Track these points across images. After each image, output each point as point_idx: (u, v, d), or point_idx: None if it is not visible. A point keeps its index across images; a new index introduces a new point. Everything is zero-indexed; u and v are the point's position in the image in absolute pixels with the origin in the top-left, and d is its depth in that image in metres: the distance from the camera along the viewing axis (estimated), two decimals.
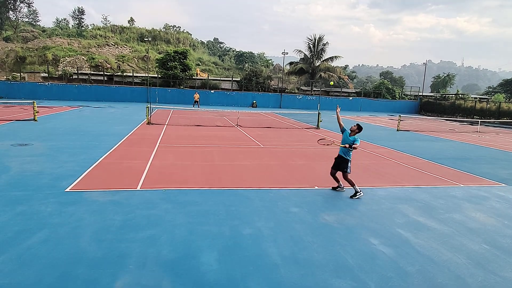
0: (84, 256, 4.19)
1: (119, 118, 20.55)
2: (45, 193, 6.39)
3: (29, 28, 64.33)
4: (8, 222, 5.08)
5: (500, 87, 57.41)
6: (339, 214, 6.14)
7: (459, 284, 4.03)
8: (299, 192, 7.32)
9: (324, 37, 50.09)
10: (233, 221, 5.57)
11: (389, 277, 4.09)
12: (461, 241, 5.27)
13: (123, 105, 32.30)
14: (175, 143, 12.60)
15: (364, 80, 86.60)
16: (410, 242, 5.10)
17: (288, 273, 4.08)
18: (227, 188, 7.34)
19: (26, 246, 4.37)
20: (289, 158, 10.84)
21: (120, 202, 6.13)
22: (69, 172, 7.91)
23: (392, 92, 50.33)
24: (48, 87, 36.21)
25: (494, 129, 27.56)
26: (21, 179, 7.24)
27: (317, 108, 36.13)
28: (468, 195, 7.78)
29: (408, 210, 6.56)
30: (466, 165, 11.25)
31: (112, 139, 12.56)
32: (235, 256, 4.40)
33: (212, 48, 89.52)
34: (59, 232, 4.82)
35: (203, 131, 16.44)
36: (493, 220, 6.27)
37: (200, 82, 46.60)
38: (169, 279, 3.82)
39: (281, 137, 15.91)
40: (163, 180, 7.64)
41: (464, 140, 18.56)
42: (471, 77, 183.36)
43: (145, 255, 4.30)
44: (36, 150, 10.16)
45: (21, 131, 13.63)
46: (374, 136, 17.81)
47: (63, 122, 17.27)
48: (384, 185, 8.26)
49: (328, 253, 4.64)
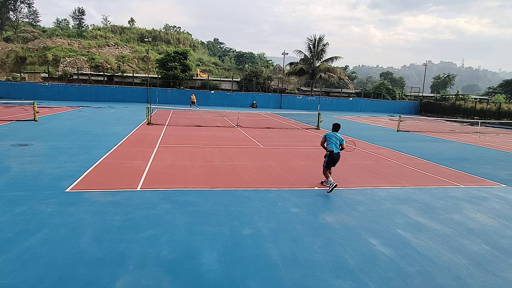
0: (84, 257, 4.19)
1: (119, 119, 20.55)
2: (45, 194, 6.39)
3: (29, 28, 64.42)
4: (8, 222, 5.08)
5: (500, 87, 57.35)
6: (339, 215, 6.14)
7: (459, 285, 4.03)
8: (299, 193, 7.31)
9: (324, 37, 50.12)
10: (233, 221, 5.57)
11: (389, 278, 4.09)
12: (461, 241, 5.27)
13: (123, 106, 32.31)
14: (175, 144, 12.61)
15: (364, 81, 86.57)
16: (410, 243, 5.10)
17: (288, 273, 4.08)
18: (227, 189, 7.34)
19: (26, 246, 4.37)
20: (289, 159, 10.84)
21: (120, 202, 6.13)
22: (69, 172, 7.91)
23: (392, 92, 50.37)
24: (48, 87, 36.25)
25: (494, 130, 27.56)
26: (21, 179, 7.25)
27: (317, 108, 36.16)
28: (468, 196, 7.78)
29: (408, 210, 6.56)
30: (466, 165, 11.25)
31: (112, 140, 12.57)
32: (235, 257, 4.40)
33: (212, 49, 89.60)
34: (59, 232, 4.82)
35: (203, 131, 16.44)
36: (493, 221, 6.26)
37: (200, 82, 46.64)
38: (169, 279, 3.82)
39: (281, 137, 15.92)
40: (163, 181, 7.64)
41: (464, 140, 18.56)
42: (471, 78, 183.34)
43: (145, 255, 4.30)
44: (36, 150, 10.17)
45: (21, 131, 13.64)
46: (374, 137, 17.83)
47: (63, 123, 17.28)
48: (384, 186, 8.26)
49: (328, 253, 4.64)
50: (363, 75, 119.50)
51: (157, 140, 12.95)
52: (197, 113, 27.08)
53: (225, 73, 65.77)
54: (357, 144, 14.71)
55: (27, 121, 17.01)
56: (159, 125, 17.73)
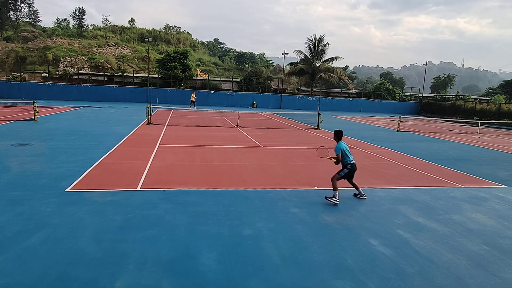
0: (84, 256, 4.19)
1: (119, 118, 20.55)
2: (45, 193, 6.39)
3: (29, 28, 64.40)
4: (8, 222, 5.08)
5: (501, 88, 57.36)
6: (339, 215, 6.14)
7: (459, 285, 4.03)
8: (299, 193, 7.31)
9: (325, 37, 50.08)
10: (233, 221, 5.57)
11: (389, 278, 4.09)
12: (461, 242, 5.26)
13: (123, 106, 32.31)
14: (175, 144, 12.61)
15: (364, 81, 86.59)
16: (410, 243, 5.10)
17: (288, 273, 4.07)
18: (227, 189, 7.34)
19: (26, 246, 4.37)
20: (289, 159, 10.84)
21: (120, 202, 6.13)
22: (69, 172, 7.91)
23: (392, 93, 50.35)
24: (48, 87, 36.24)
25: (494, 130, 27.55)
26: (21, 179, 7.24)
27: (317, 108, 36.16)
28: (468, 196, 7.78)
29: (408, 211, 6.56)
30: (466, 166, 11.25)
31: (112, 139, 12.57)
32: (234, 257, 4.40)
33: (213, 49, 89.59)
34: (59, 232, 4.82)
35: (203, 131, 16.44)
36: (493, 221, 6.26)
37: (200, 82, 46.63)
38: (169, 279, 3.82)
39: (281, 137, 15.92)
40: (163, 181, 7.64)
41: (464, 141, 18.56)
42: (472, 78, 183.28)
43: (145, 255, 4.30)
44: (36, 150, 10.17)
45: (21, 131, 13.64)
46: (374, 137, 17.82)
47: (63, 122, 17.28)
48: (384, 186, 8.26)
49: (328, 253, 4.63)
50: (363, 75, 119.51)
51: (157, 140, 12.95)
52: (197, 113, 27.08)
53: (225, 73, 65.79)
54: (357, 144, 14.72)
55: (27, 121, 17.01)
56: (159, 125, 17.73)
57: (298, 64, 51.68)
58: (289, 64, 55.52)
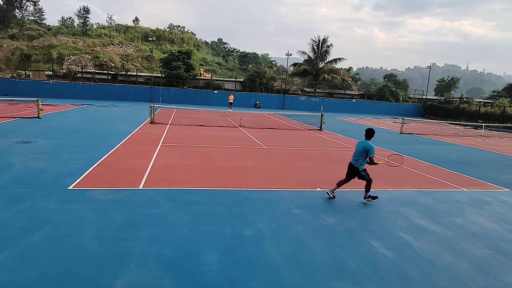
0: (86, 254, 4.21)
1: (123, 117, 20.62)
2: (48, 191, 6.42)
3: (34, 26, 64.81)
4: (11, 219, 5.11)
5: (505, 91, 56.94)
6: (341, 216, 6.13)
7: None
8: (301, 194, 7.31)
9: (328, 39, 49.94)
10: (235, 221, 5.58)
11: (390, 280, 4.07)
12: (463, 245, 5.24)
13: (127, 104, 32.42)
14: (177, 143, 12.63)
15: (368, 83, 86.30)
16: (412, 246, 5.08)
17: (289, 274, 4.07)
18: (229, 189, 7.34)
19: (28, 243, 4.39)
20: (291, 160, 10.83)
21: (122, 200, 6.15)
22: (72, 170, 7.94)
23: (395, 95, 50.18)
24: (52, 85, 36.41)
25: (498, 134, 27.39)
26: (25, 176, 7.29)
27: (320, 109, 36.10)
28: (471, 200, 7.74)
29: (410, 213, 6.53)
30: (469, 169, 11.19)
31: (115, 138, 12.62)
32: (236, 257, 4.41)
33: (216, 49, 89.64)
34: (61, 230, 4.84)
35: (206, 131, 16.46)
36: (496, 225, 6.23)
37: (203, 82, 46.67)
38: (170, 278, 3.83)
39: (283, 138, 15.90)
40: (165, 180, 7.66)
41: (468, 144, 18.46)
42: (476, 81, 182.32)
43: (146, 254, 4.31)
44: (39, 148, 10.22)
45: (25, 129, 13.72)
46: (376, 139, 17.69)
47: (67, 120, 17.36)
48: (386, 188, 8.23)
49: (329, 255, 4.63)
50: (367, 77, 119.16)
51: (159, 139, 12.98)
52: (200, 112, 27.11)
53: (229, 73, 65.78)
54: None
55: (31, 118, 17.10)
56: (162, 124, 17.78)
57: (302, 65, 51.62)
58: (292, 65, 55.42)
